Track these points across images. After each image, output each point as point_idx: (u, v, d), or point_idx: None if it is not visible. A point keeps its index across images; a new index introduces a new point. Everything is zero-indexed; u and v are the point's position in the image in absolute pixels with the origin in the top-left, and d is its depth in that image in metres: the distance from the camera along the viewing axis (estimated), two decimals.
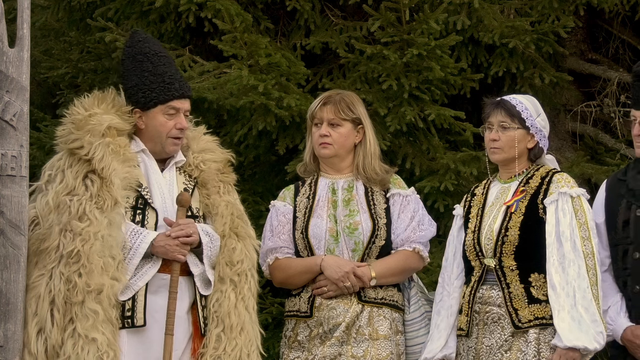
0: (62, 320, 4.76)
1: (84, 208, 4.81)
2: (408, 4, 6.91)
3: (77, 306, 4.75)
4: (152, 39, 5.20)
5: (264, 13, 7.50)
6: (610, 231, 5.27)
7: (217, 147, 5.24)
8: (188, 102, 5.09)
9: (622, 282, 5.23)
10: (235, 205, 5.15)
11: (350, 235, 5.38)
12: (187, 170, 5.14)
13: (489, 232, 5.20)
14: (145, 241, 4.87)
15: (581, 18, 7.49)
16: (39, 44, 8.29)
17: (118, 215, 4.84)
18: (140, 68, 5.03)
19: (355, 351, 5.31)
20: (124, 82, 5.09)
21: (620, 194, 5.27)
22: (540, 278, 5.11)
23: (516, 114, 5.22)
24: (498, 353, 5.12)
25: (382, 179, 5.48)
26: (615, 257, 5.25)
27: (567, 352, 4.99)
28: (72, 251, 4.77)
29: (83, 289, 4.74)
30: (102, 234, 4.78)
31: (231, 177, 5.22)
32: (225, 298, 4.99)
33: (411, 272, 5.50)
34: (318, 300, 5.37)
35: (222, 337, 4.97)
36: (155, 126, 5.03)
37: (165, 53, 5.12)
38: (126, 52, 5.10)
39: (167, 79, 5.01)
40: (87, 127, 4.93)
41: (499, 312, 5.14)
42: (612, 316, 5.21)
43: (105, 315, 4.75)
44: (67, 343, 4.74)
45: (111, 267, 4.78)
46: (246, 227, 5.14)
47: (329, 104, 5.45)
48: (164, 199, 5.01)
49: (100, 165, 4.87)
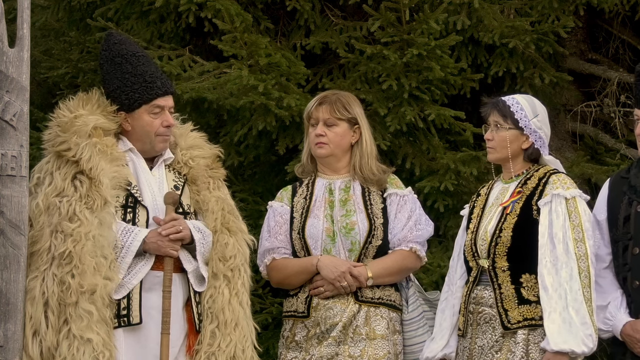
0: (57, 322, 4.76)
1: (74, 209, 4.82)
2: (408, 4, 6.91)
3: (71, 307, 4.76)
4: (128, 40, 5.19)
5: (264, 13, 7.51)
6: (612, 228, 5.28)
7: (205, 143, 5.25)
8: (171, 98, 5.10)
9: (622, 278, 5.23)
10: (225, 201, 5.15)
11: (346, 235, 5.38)
12: (176, 168, 5.15)
13: (484, 233, 5.20)
14: (137, 239, 4.88)
15: (581, 18, 7.49)
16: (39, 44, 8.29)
17: (108, 214, 4.85)
18: (120, 70, 5.03)
19: (353, 351, 5.31)
20: (106, 85, 5.08)
21: (623, 191, 5.27)
22: (532, 279, 5.10)
23: (509, 114, 5.21)
24: (489, 353, 5.12)
25: (379, 179, 5.48)
26: (616, 253, 5.25)
27: (555, 356, 4.98)
28: (63, 252, 4.77)
29: (76, 290, 4.74)
30: (93, 234, 4.79)
31: (220, 173, 5.23)
32: (219, 294, 5.00)
33: (408, 271, 5.50)
34: (315, 301, 5.37)
35: (216, 333, 4.97)
36: (142, 126, 5.04)
37: (142, 52, 5.12)
38: (103, 56, 5.09)
39: (148, 78, 5.02)
40: (73, 128, 4.94)
41: (491, 313, 5.14)
42: (612, 312, 5.21)
43: (99, 315, 4.75)
44: (63, 344, 4.74)
45: (103, 267, 4.78)
46: (237, 221, 5.15)
47: (325, 103, 5.46)
48: (154, 196, 5.02)
49: (88, 165, 4.88)
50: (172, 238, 4.90)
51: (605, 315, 5.19)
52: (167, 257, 4.91)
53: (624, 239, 5.22)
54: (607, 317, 5.20)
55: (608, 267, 5.28)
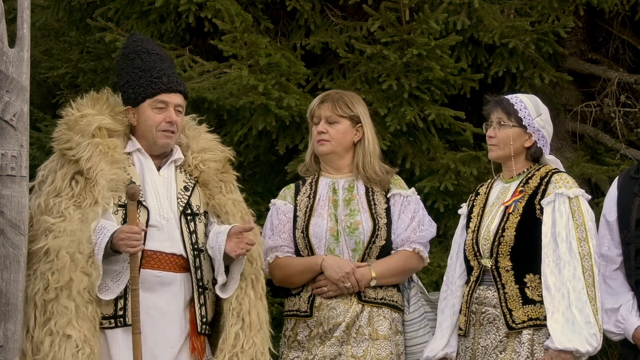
0: (41, 318, 4.77)
1: (64, 207, 4.82)
2: (408, 4, 6.92)
3: (51, 303, 4.75)
4: (148, 40, 5.24)
5: (264, 13, 7.51)
6: (622, 229, 5.26)
7: (216, 145, 5.23)
8: (179, 96, 5.09)
9: (634, 281, 5.22)
10: (241, 203, 5.16)
11: (350, 235, 5.38)
12: (187, 170, 5.14)
13: (487, 233, 5.20)
14: (107, 235, 4.81)
15: (581, 18, 7.49)
16: (39, 44, 8.29)
17: (92, 212, 4.83)
18: (131, 65, 5.06)
19: (355, 351, 5.31)
20: (119, 81, 5.12)
21: (634, 192, 5.26)
22: (535, 279, 5.10)
23: (513, 112, 5.22)
24: (493, 354, 5.12)
25: (382, 179, 5.48)
26: (627, 255, 5.23)
27: (559, 354, 4.97)
28: (43, 247, 4.77)
29: (54, 286, 4.74)
30: (72, 229, 4.77)
31: (231, 176, 5.22)
32: (245, 295, 4.99)
33: (411, 272, 5.50)
34: (318, 300, 5.37)
35: (240, 335, 4.96)
36: (144, 120, 5.05)
37: (158, 51, 5.14)
38: (121, 53, 5.17)
39: (155, 74, 5.03)
40: (77, 127, 4.95)
41: (494, 313, 5.14)
42: (623, 315, 5.20)
43: (80, 312, 4.73)
44: (45, 341, 4.74)
45: (80, 262, 4.76)
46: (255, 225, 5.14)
47: (327, 101, 5.48)
48: (159, 197, 5.01)
49: (87, 165, 4.88)
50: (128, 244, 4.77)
51: (617, 318, 5.18)
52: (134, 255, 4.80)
53: (637, 241, 5.20)
54: (619, 320, 5.19)
55: (619, 269, 5.27)
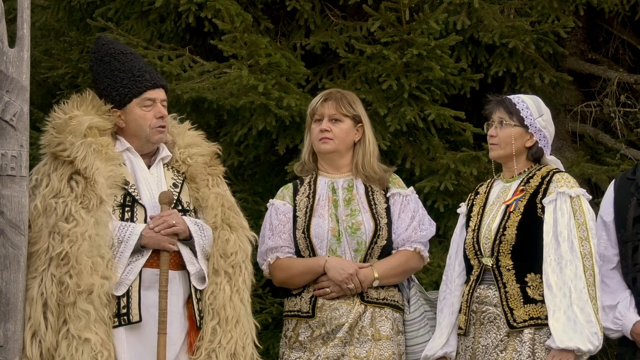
0: (56, 323, 4.78)
1: (69, 209, 4.84)
2: (408, 4, 6.91)
3: (69, 307, 4.77)
4: (116, 41, 5.29)
5: (264, 13, 7.50)
6: (619, 229, 5.28)
7: (202, 141, 5.27)
8: (162, 91, 5.12)
9: (631, 279, 5.25)
10: (225, 197, 5.16)
11: (352, 235, 5.38)
12: (174, 166, 5.16)
13: (487, 231, 5.20)
14: (135, 232, 4.88)
15: (581, 18, 7.49)
16: (39, 44, 8.29)
17: (104, 213, 4.86)
18: (109, 68, 5.07)
19: (358, 352, 5.31)
20: (97, 86, 5.12)
21: (630, 192, 5.29)
22: (537, 278, 5.10)
23: (515, 112, 5.24)
24: (494, 353, 5.12)
25: (380, 177, 5.48)
26: (624, 254, 5.26)
27: (560, 354, 4.98)
28: (60, 253, 4.79)
29: (74, 290, 4.76)
30: (89, 234, 4.80)
31: (219, 170, 5.25)
32: (220, 290, 5.00)
33: (412, 272, 5.51)
34: (320, 301, 5.36)
35: (217, 330, 4.98)
36: (135, 120, 5.06)
37: (130, 51, 5.18)
38: (93, 58, 5.16)
39: (136, 73, 5.06)
40: (68, 128, 4.96)
41: (495, 312, 5.14)
42: (621, 311, 5.22)
43: (97, 315, 4.77)
44: (62, 344, 4.76)
45: (100, 267, 4.79)
46: (238, 217, 5.16)
47: (331, 99, 5.47)
48: (152, 195, 5.03)
49: (83, 164, 4.89)
50: (164, 233, 4.89)
51: (615, 315, 5.21)
52: (164, 254, 4.90)
53: (634, 239, 5.23)
54: (617, 316, 5.21)
55: (615, 268, 5.30)
